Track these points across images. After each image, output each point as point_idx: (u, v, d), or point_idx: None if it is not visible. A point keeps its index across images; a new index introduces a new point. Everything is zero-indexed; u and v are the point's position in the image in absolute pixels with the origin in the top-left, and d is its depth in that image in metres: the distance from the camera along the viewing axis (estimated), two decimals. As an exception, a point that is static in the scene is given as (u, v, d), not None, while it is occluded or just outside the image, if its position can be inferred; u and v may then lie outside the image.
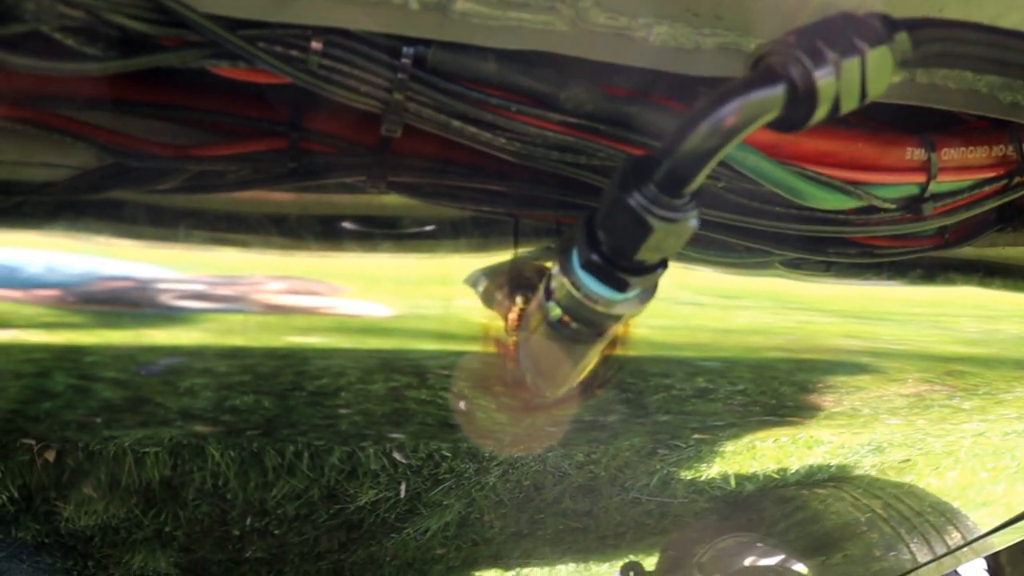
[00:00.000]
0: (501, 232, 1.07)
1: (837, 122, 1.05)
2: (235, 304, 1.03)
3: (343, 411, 1.25)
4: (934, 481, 2.30)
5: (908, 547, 2.48)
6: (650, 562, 2.59)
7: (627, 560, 2.58)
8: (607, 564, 2.59)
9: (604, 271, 0.88)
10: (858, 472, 2.11)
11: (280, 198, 1.03)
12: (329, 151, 1.03)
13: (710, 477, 1.98)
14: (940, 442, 1.91)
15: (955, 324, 1.30)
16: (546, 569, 2.57)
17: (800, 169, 1.01)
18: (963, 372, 1.36)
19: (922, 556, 2.52)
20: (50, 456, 1.64)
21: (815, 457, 1.96)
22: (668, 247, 0.84)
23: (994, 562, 2.77)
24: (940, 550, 2.47)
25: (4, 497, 1.71)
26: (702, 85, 0.99)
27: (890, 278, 1.23)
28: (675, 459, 1.86)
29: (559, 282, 0.93)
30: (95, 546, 1.92)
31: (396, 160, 1.03)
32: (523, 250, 1.06)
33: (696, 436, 1.64)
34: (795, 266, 1.18)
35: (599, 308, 0.91)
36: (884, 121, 1.10)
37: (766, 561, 2.66)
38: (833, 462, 2.00)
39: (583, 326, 0.95)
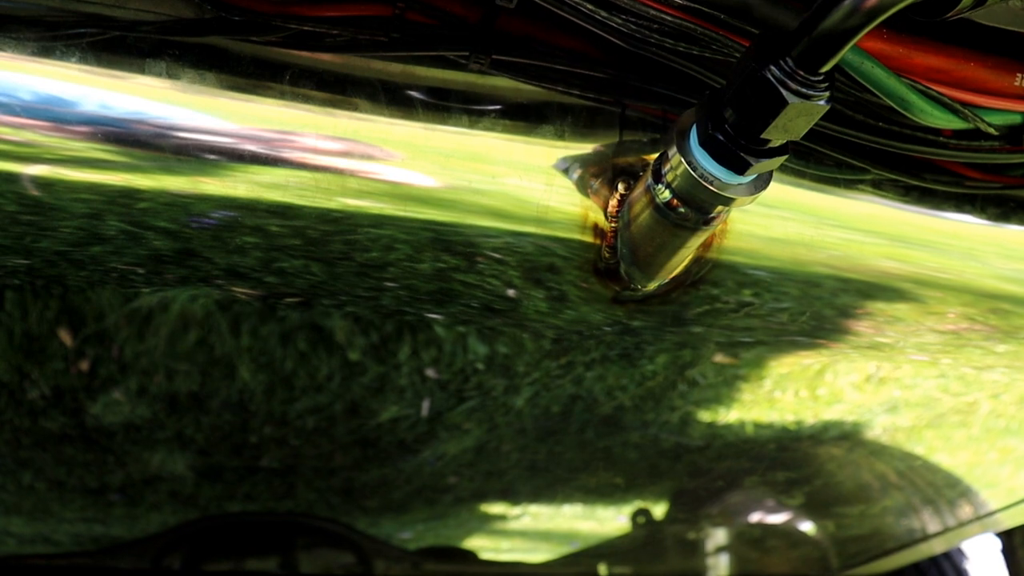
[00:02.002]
0: (606, 122, 1.05)
1: (948, 40, 1.04)
2: (306, 162, 1.01)
3: (389, 284, 1.22)
4: (945, 458, 2.29)
5: (919, 517, 2.49)
6: (658, 511, 2.59)
7: (636, 508, 2.58)
8: (614, 508, 2.59)
9: (725, 150, 0.87)
10: (872, 435, 2.10)
11: (380, 66, 1.01)
12: (433, 23, 1.01)
13: (728, 422, 1.97)
14: (956, 401, 1.90)
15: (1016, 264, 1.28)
16: (553, 508, 2.56)
17: (912, 82, 0.99)
18: (1008, 312, 1.35)
19: (932, 527, 2.52)
20: (84, 366, 1.64)
21: (832, 413, 1.95)
22: (796, 127, 0.83)
23: (1008, 543, 2.78)
24: (951, 523, 2.48)
25: (35, 393, 1.71)
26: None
27: (972, 212, 1.21)
28: (696, 398, 1.85)
29: (674, 162, 0.92)
30: (117, 442, 1.91)
31: (502, 39, 1.01)
32: (628, 140, 1.05)
33: (719, 356, 1.62)
34: (878, 187, 1.16)
35: (713, 189, 0.89)
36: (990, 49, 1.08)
37: (773, 518, 2.67)
38: (849, 419, 1.99)
39: (692, 210, 0.94)
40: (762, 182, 0.92)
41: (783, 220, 1.13)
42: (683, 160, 0.90)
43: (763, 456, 2.18)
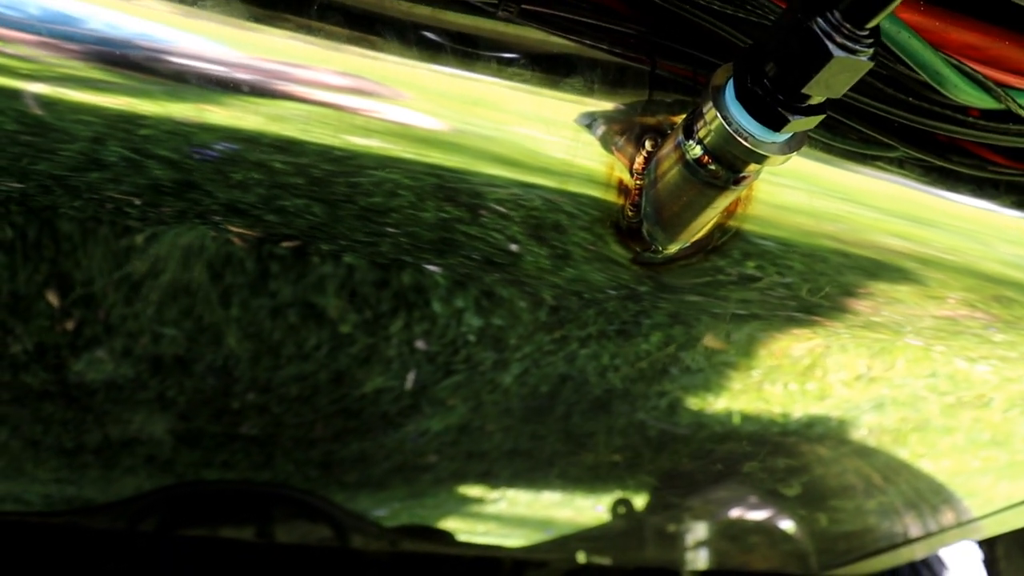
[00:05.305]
0: (635, 80, 1.02)
1: (984, 17, 1.02)
2: (314, 96, 0.98)
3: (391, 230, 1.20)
4: (929, 464, 2.28)
5: (903, 520, 2.48)
6: (639, 502, 2.58)
7: (616, 499, 2.56)
8: (593, 498, 2.57)
9: (762, 105, 0.85)
10: (859, 435, 2.08)
11: (407, 8, 0.97)
12: (458, -33, 0.98)
13: (715, 411, 1.95)
14: (940, 403, 1.88)
15: None
16: (532, 494, 2.54)
17: (947, 56, 0.97)
18: (1012, 300, 1.33)
19: (914, 531, 2.52)
20: (69, 326, 1.61)
21: (821, 408, 1.94)
22: (837, 84, 0.82)
23: (990, 554, 2.77)
24: (932, 528, 2.47)
25: (18, 348, 1.67)
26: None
27: (992, 197, 1.19)
28: (685, 383, 1.83)
29: (707, 117, 0.90)
30: (97, 401, 1.88)
31: (531, -13, 0.99)
32: (657, 99, 1.02)
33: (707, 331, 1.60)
34: (901, 165, 1.15)
35: (747, 145, 0.88)
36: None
37: (754, 515, 2.66)
38: (835, 415, 1.97)
39: (723, 168, 0.92)
40: (796, 142, 0.91)
41: (809, 193, 1.12)
42: (717, 114, 0.89)
43: (749, 449, 2.17)
